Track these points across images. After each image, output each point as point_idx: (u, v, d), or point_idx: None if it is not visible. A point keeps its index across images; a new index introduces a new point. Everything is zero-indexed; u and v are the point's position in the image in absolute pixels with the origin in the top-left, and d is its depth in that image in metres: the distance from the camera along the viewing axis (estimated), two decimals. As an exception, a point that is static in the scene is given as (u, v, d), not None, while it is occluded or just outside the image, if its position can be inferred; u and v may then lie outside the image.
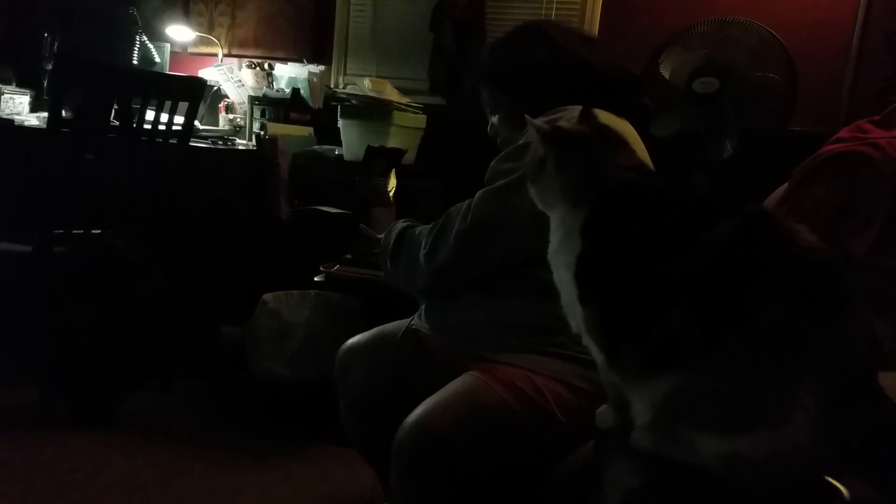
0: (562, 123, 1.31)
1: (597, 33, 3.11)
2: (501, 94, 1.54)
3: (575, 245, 0.97)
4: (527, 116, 1.08)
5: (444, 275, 1.38)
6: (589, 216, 0.96)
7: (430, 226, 1.43)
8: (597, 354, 0.98)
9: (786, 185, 1.79)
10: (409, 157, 2.86)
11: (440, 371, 1.38)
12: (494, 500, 1.25)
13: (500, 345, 1.32)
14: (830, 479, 0.86)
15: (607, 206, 0.96)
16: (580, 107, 1.34)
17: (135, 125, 2.37)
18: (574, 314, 1.00)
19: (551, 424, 1.21)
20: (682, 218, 0.90)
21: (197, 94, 2.54)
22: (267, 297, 2.48)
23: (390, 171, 2.37)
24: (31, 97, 3.08)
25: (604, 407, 1.05)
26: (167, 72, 3.44)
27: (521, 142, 1.37)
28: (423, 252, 1.39)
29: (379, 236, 1.61)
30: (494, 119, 1.58)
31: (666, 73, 2.63)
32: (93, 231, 2.39)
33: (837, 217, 1.59)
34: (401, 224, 1.54)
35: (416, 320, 1.52)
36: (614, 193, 0.96)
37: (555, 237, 1.03)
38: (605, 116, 1.22)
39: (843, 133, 1.77)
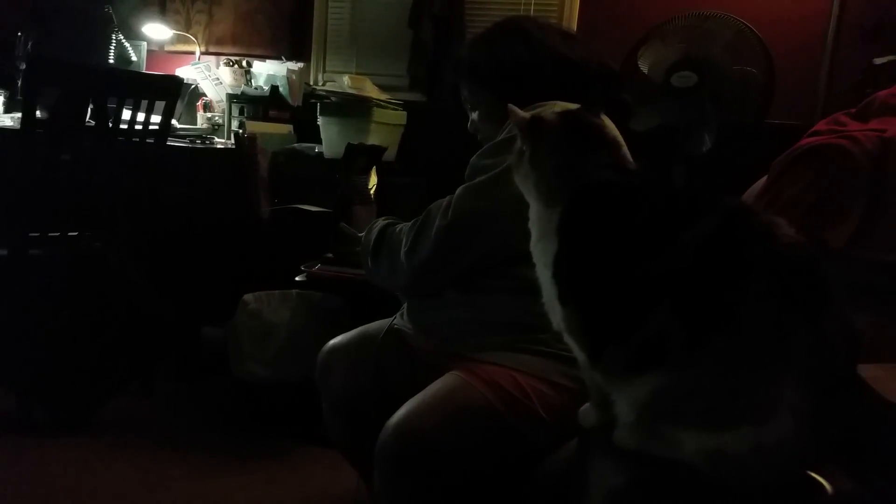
0: (543, 112, 1.32)
1: (575, 28, 3.11)
2: (481, 91, 1.53)
3: (551, 244, 0.97)
4: (510, 106, 1.07)
5: (426, 272, 1.37)
6: (563, 216, 0.96)
7: (410, 223, 1.42)
8: (578, 353, 0.98)
9: (764, 178, 1.80)
10: (390, 154, 2.85)
11: (423, 371, 1.38)
12: (479, 501, 1.24)
13: (482, 343, 1.31)
14: (812, 474, 0.86)
15: (581, 206, 0.95)
16: (561, 102, 1.36)
17: (111, 125, 2.33)
18: (554, 311, 0.99)
19: (535, 423, 1.21)
20: (661, 216, 0.89)
21: (174, 92, 2.51)
22: (248, 297, 2.45)
23: (371, 169, 2.36)
24: (4, 97, 3.03)
25: (586, 405, 1.04)
26: (144, 70, 3.41)
27: (501, 137, 1.36)
28: (403, 249, 1.39)
29: (360, 234, 1.60)
30: (474, 115, 1.57)
31: (644, 68, 2.63)
32: (69, 233, 2.36)
33: (816, 209, 1.59)
34: (381, 222, 1.53)
35: (399, 320, 1.51)
36: (588, 193, 0.95)
37: (533, 231, 1.03)
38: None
39: (821, 126, 1.77)
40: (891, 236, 1.52)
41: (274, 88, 3.27)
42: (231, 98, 3.32)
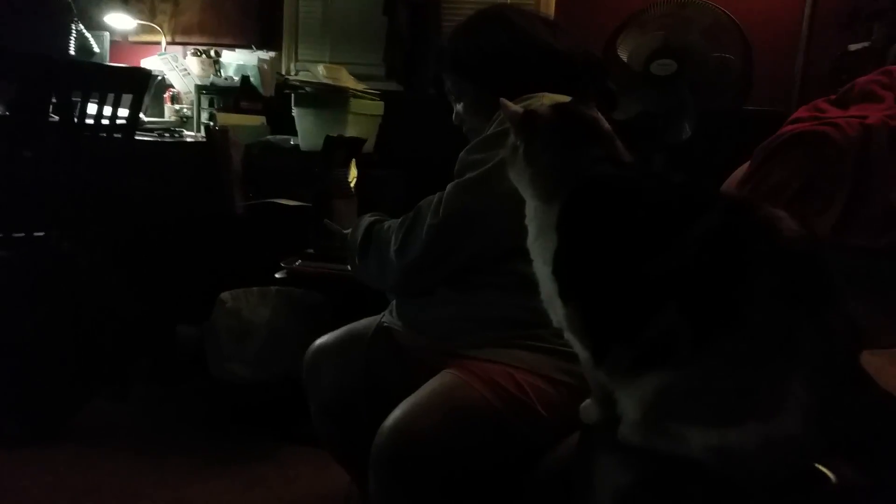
0: (537, 106, 1.29)
1: (553, 16, 3.09)
2: (465, 82, 1.50)
3: (551, 240, 0.95)
4: (501, 100, 1.05)
5: (416, 271, 1.34)
6: (562, 213, 0.94)
7: (399, 220, 1.38)
8: (580, 350, 0.96)
9: (746, 165, 1.80)
10: (368, 146, 2.80)
11: (415, 369, 1.35)
12: (478, 500, 1.21)
13: (477, 340, 1.29)
14: (818, 465, 0.86)
15: (580, 203, 0.93)
16: (549, 94, 1.33)
17: (76, 119, 2.25)
18: (554, 308, 0.97)
19: (534, 421, 1.19)
20: (662, 211, 0.87)
21: (141, 84, 2.43)
22: (225, 295, 2.40)
23: (351, 161, 2.31)
24: (-39, 93, 2.91)
25: (588, 401, 1.02)
26: (107, 62, 3.30)
27: (490, 131, 1.33)
28: (393, 248, 1.35)
29: (345, 231, 1.56)
30: (459, 107, 1.54)
31: (624, 56, 2.61)
32: (35, 234, 2.27)
33: (800, 197, 1.59)
34: (368, 218, 1.49)
35: (388, 317, 1.48)
36: (588, 189, 0.93)
37: (531, 228, 1.01)
38: None
39: (801, 113, 1.77)
40: (874, 223, 1.52)
41: (245, 79, 3.19)
42: (200, 89, 3.24)
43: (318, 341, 1.56)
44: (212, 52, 3.41)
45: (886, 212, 1.51)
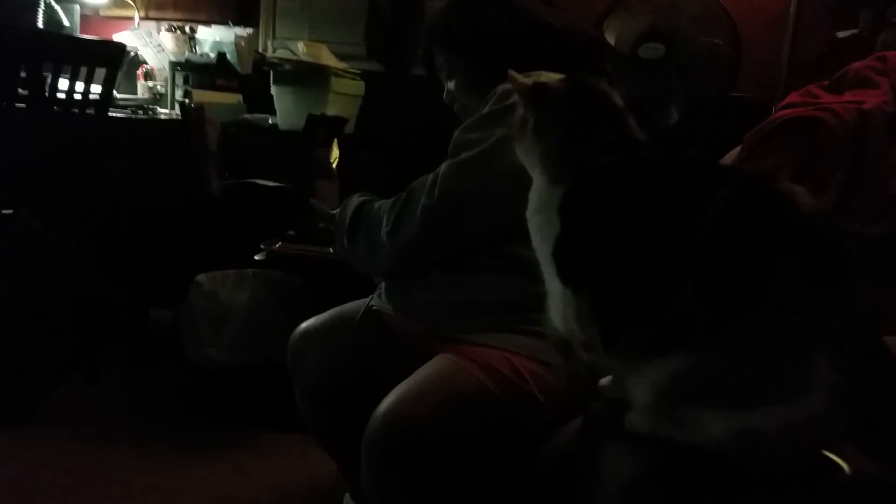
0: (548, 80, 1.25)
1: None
2: (457, 58, 1.45)
3: (553, 223, 0.90)
4: (510, 71, 1.00)
5: (409, 254, 1.30)
6: (566, 198, 0.89)
7: (390, 201, 1.34)
8: (579, 335, 0.92)
9: (736, 150, 1.78)
10: (349, 127, 2.74)
11: (406, 354, 1.31)
12: (475, 489, 1.18)
13: (472, 324, 1.25)
14: (830, 455, 0.84)
15: (586, 188, 0.88)
16: (546, 73, 1.29)
17: (47, 94, 2.16)
18: (552, 289, 0.93)
19: (531, 406, 1.15)
20: (676, 191, 0.84)
21: (116, 59, 2.35)
22: (201, 278, 2.33)
23: (332, 142, 2.25)
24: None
25: (607, 378, 0.98)
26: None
27: (486, 109, 1.29)
28: (385, 230, 1.30)
29: (333, 211, 1.50)
30: (451, 85, 1.49)
31: (611, 39, 2.58)
32: (4, 211, 2.20)
33: (794, 182, 1.58)
34: (357, 199, 1.44)
35: (377, 300, 1.43)
36: (594, 174, 0.88)
37: (532, 201, 0.96)
38: None
39: (794, 98, 1.76)
40: (869, 210, 1.51)
41: (221, 55, 3.11)
42: (174, 66, 3.15)
43: (304, 325, 1.51)
44: (187, 28, 3.32)
45: (882, 199, 1.50)
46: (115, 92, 2.74)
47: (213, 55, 3.16)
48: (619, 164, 0.89)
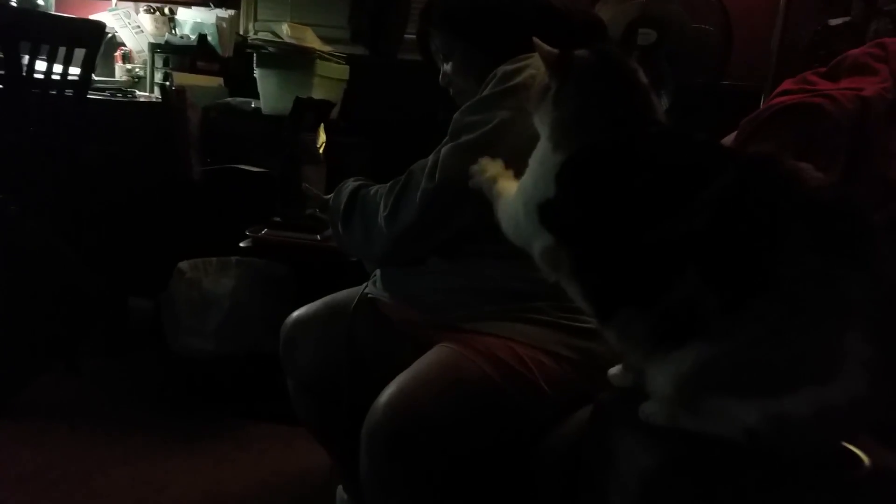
0: (531, 71, 1.22)
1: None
2: (455, 40, 1.41)
3: (547, 186, 0.91)
4: (535, 39, 0.97)
5: (408, 239, 1.26)
6: (564, 166, 0.89)
7: (388, 185, 1.30)
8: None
9: (730, 137, 1.76)
10: (334, 112, 2.68)
11: (403, 343, 1.28)
12: (478, 480, 1.15)
13: (474, 313, 1.21)
14: (851, 447, 0.82)
15: (586, 160, 0.88)
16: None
17: (24, 74, 2.09)
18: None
19: (536, 397, 1.13)
20: (672, 175, 0.83)
21: (95, 39, 2.28)
22: (183, 265, 2.28)
23: (319, 126, 2.20)
24: None
25: (617, 367, 0.98)
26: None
27: (488, 91, 1.25)
28: (382, 214, 1.26)
29: (326, 197, 1.46)
30: (447, 67, 1.45)
31: (601, 24, 2.55)
32: (-21, 196, 2.12)
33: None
34: (352, 183, 1.40)
35: (372, 288, 1.40)
36: (597, 147, 0.88)
37: (530, 161, 0.97)
38: None
39: (789, 85, 1.74)
40: (870, 197, 1.50)
41: (202, 37, 3.03)
42: (154, 48, 3.07)
43: (296, 314, 1.47)
44: (166, 9, 3.23)
45: (883, 186, 1.49)
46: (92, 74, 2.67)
47: (193, 37, 3.09)
48: (621, 141, 0.88)
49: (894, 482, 0.82)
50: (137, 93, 2.95)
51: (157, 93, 2.96)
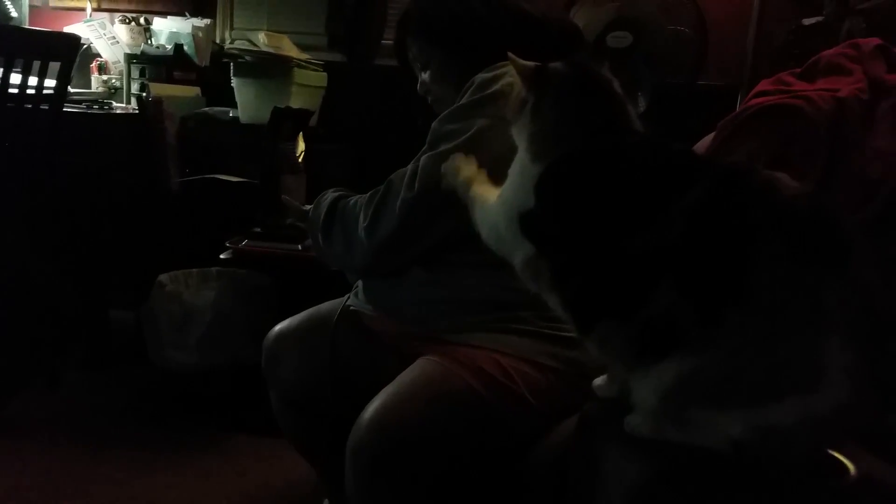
0: (508, 79, 1.22)
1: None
2: (432, 48, 1.41)
3: (527, 197, 0.91)
4: (509, 54, 0.98)
5: (389, 249, 1.25)
6: (542, 176, 0.89)
7: (367, 195, 1.29)
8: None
9: (708, 138, 1.76)
10: (312, 119, 2.67)
11: (386, 355, 1.28)
12: (466, 494, 1.15)
13: (457, 324, 1.21)
14: (837, 455, 0.83)
15: (563, 170, 0.88)
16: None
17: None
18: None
19: (521, 408, 1.12)
20: (652, 184, 0.83)
21: (70, 52, 2.24)
22: (163, 278, 2.25)
23: (298, 135, 2.19)
24: None
25: (602, 378, 0.98)
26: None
27: (465, 99, 1.25)
28: (362, 225, 1.26)
29: (305, 207, 1.45)
30: (425, 76, 1.44)
31: (578, 27, 2.56)
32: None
33: (771, 170, 1.57)
34: (331, 194, 1.39)
35: (354, 300, 1.39)
36: (574, 158, 0.88)
37: (512, 173, 0.96)
38: None
39: (766, 86, 1.75)
40: (849, 198, 1.51)
41: (178, 47, 3.00)
42: (130, 58, 3.03)
43: (278, 327, 1.46)
44: (142, 20, 3.19)
45: (861, 185, 1.50)
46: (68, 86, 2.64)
47: (169, 47, 3.05)
48: (599, 151, 0.88)
49: (880, 490, 0.82)
50: (114, 104, 2.91)
51: (133, 104, 2.93)
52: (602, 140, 0.89)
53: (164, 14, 3.24)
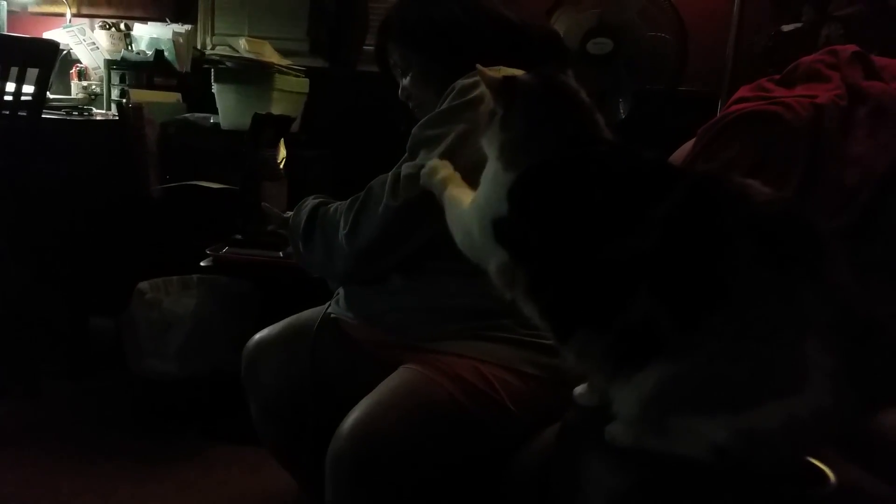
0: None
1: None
2: (413, 54, 1.41)
3: (500, 204, 0.90)
4: (478, 66, 0.98)
5: (369, 256, 1.25)
6: (515, 185, 0.89)
7: (347, 202, 1.28)
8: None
9: (688, 145, 1.77)
10: (294, 125, 2.66)
11: (367, 363, 1.27)
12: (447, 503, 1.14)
13: (437, 332, 1.21)
14: (817, 463, 0.83)
15: (536, 179, 0.88)
16: (505, 68, 1.26)
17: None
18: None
19: (502, 417, 1.12)
20: (625, 192, 0.83)
21: (49, 58, 2.22)
22: (143, 285, 2.23)
23: (279, 141, 2.18)
24: None
25: (582, 387, 0.97)
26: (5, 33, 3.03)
27: (445, 105, 1.25)
28: (342, 231, 1.25)
29: (286, 214, 1.44)
30: (406, 81, 1.44)
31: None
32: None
33: (751, 177, 1.58)
34: (312, 200, 1.38)
35: (335, 307, 1.38)
36: (546, 167, 0.88)
37: (483, 180, 0.96)
38: None
39: (745, 92, 1.76)
40: (828, 204, 1.52)
41: (159, 53, 2.98)
42: (110, 64, 3.01)
43: (258, 335, 1.45)
44: (122, 25, 3.18)
45: (839, 192, 1.51)
46: (48, 93, 2.61)
47: (150, 53, 3.04)
48: (570, 159, 0.88)
49: (859, 498, 0.82)
50: (94, 110, 2.89)
51: (114, 110, 2.90)
52: (573, 149, 0.89)
53: (144, 20, 3.21)
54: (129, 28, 3.18)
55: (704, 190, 0.80)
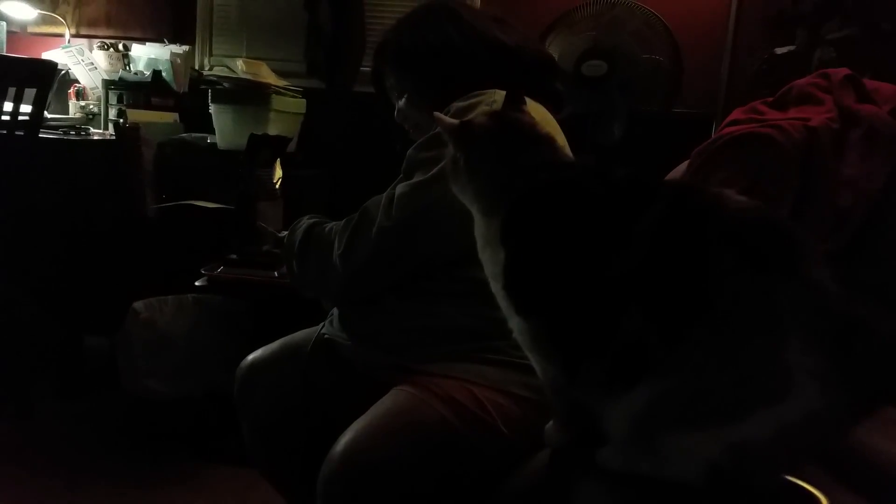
0: (473, 116, 1.22)
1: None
2: (409, 77, 1.42)
3: (497, 254, 0.90)
4: (436, 113, 0.99)
5: (364, 277, 1.25)
6: (504, 227, 0.89)
7: (342, 222, 1.29)
8: (544, 368, 0.92)
9: (682, 166, 1.78)
10: (291, 146, 2.67)
11: (361, 385, 1.26)
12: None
13: (430, 354, 1.20)
14: (808, 486, 0.82)
15: (520, 215, 0.88)
16: (500, 91, 1.26)
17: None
18: (513, 323, 0.92)
19: (495, 440, 1.11)
20: (606, 213, 0.83)
21: (47, 78, 2.24)
22: (138, 305, 2.23)
23: (275, 161, 2.18)
24: None
25: (550, 424, 0.97)
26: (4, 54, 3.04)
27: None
28: (337, 252, 1.25)
29: (280, 234, 1.44)
30: (402, 104, 1.45)
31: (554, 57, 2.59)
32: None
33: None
34: (306, 221, 1.38)
35: (329, 328, 1.37)
36: (525, 201, 0.88)
37: (478, 240, 0.96)
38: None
39: (738, 115, 1.77)
40: (821, 226, 1.52)
41: (156, 73, 3.01)
42: (108, 84, 3.03)
43: (251, 356, 1.44)
44: (120, 46, 3.20)
45: (832, 215, 1.51)
46: (45, 112, 2.62)
47: (147, 73, 3.07)
48: (548, 187, 0.88)
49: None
50: (91, 130, 2.91)
51: (111, 130, 2.92)
52: (541, 178, 0.89)
53: (142, 40, 3.25)
54: (127, 48, 3.21)
55: (680, 201, 0.80)
